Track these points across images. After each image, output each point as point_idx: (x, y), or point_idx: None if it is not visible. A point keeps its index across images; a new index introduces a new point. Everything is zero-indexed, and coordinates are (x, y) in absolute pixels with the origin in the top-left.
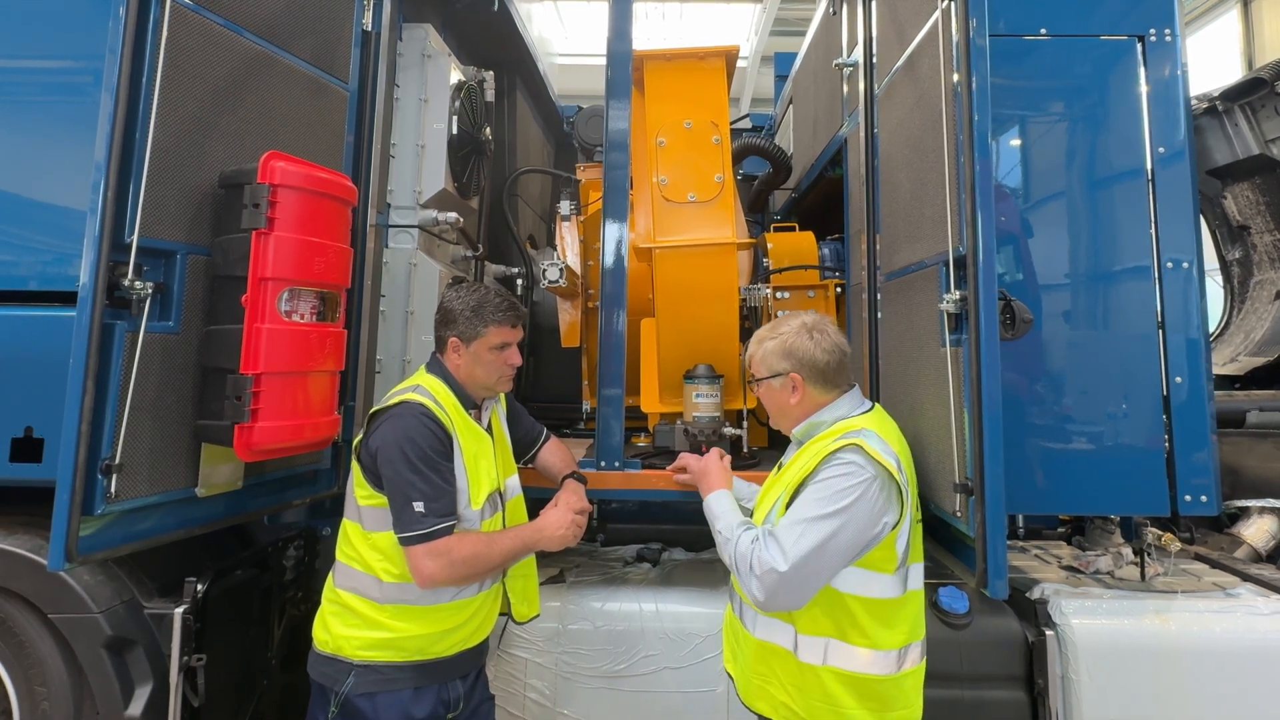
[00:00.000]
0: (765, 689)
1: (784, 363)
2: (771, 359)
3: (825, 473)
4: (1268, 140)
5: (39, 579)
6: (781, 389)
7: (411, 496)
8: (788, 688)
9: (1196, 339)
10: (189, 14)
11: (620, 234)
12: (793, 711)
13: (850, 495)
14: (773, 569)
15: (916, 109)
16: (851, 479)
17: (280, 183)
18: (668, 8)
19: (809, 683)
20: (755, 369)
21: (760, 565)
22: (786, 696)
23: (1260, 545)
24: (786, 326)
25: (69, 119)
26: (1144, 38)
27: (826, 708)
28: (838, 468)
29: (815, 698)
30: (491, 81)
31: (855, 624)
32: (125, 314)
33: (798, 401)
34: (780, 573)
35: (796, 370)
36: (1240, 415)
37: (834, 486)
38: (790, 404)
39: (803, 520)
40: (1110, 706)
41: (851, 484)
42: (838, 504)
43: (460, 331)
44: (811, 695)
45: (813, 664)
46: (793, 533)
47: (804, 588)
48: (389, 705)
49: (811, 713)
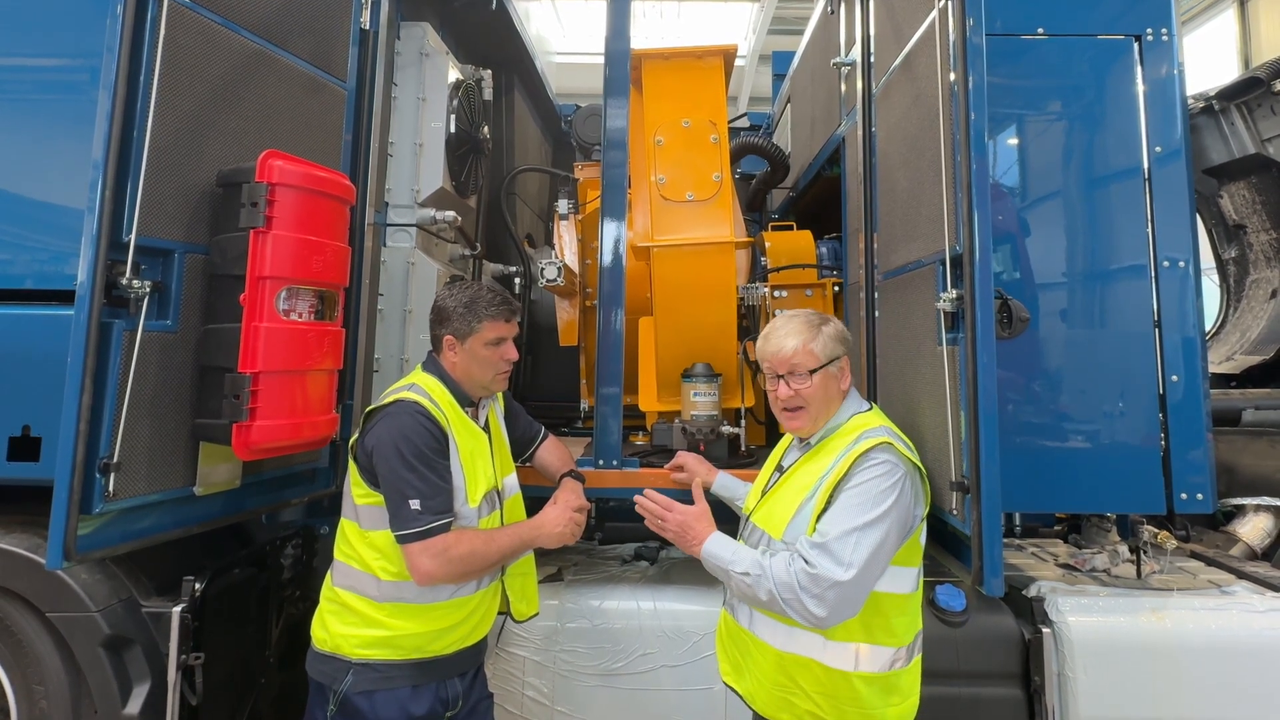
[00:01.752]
0: (788, 700)
1: (841, 347)
2: (832, 344)
3: (861, 475)
4: (1264, 139)
5: (37, 578)
6: (837, 375)
7: (408, 494)
8: (814, 696)
9: (1192, 337)
10: (187, 12)
11: (618, 233)
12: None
13: (892, 494)
14: (835, 582)
15: (914, 108)
16: (889, 478)
17: (278, 181)
18: (666, 6)
19: (840, 689)
20: (811, 359)
21: (818, 584)
22: (812, 705)
23: (1255, 543)
24: (816, 314)
25: (67, 117)
26: (1141, 37)
27: (856, 711)
28: (874, 469)
29: (846, 703)
30: (489, 80)
31: (884, 623)
32: (123, 313)
33: (848, 385)
34: (843, 583)
35: (847, 354)
36: (1236, 413)
37: (876, 488)
38: (841, 390)
39: (855, 528)
40: (1106, 704)
41: (890, 483)
42: (883, 505)
43: (455, 329)
44: (842, 700)
45: (843, 670)
46: (848, 542)
47: (863, 595)
48: (387, 703)
49: (841, 717)
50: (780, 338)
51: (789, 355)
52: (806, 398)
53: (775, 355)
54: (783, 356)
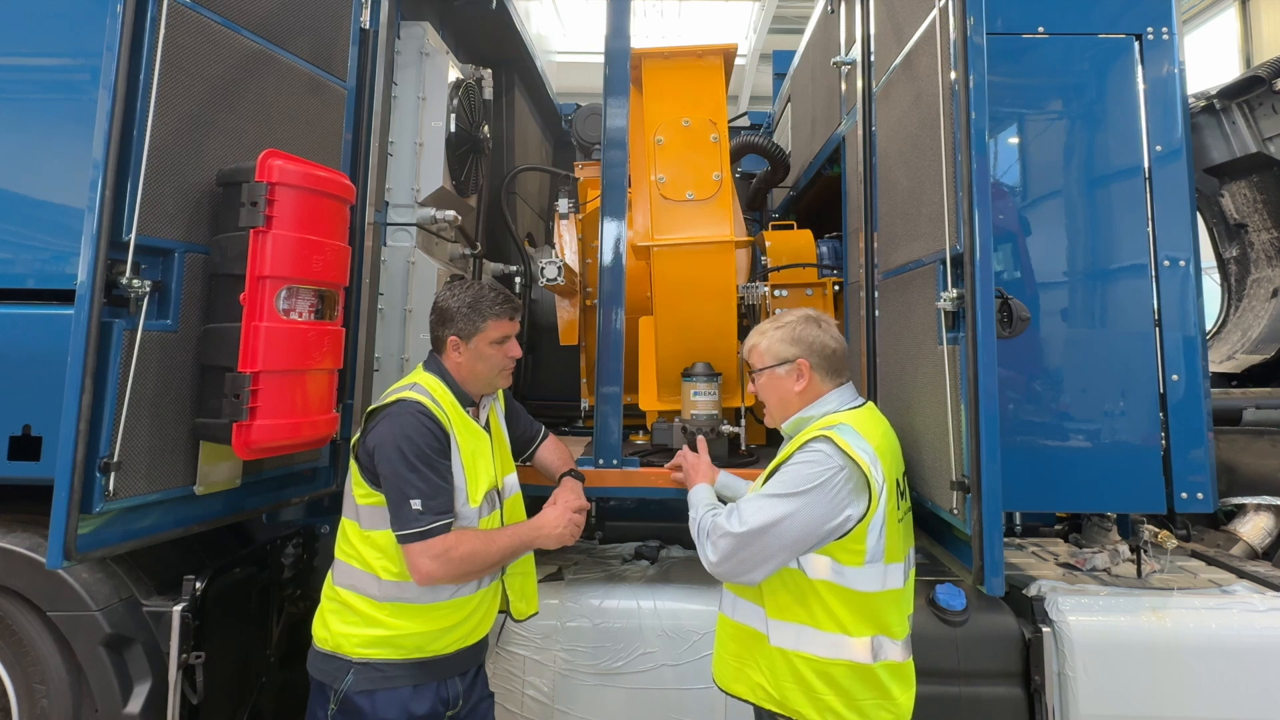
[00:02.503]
0: (743, 671)
1: (792, 349)
2: (778, 346)
3: (795, 458)
4: (1265, 138)
5: (38, 577)
6: (786, 376)
7: (409, 494)
8: (763, 669)
9: (1193, 337)
10: (187, 11)
11: (618, 232)
12: (768, 694)
13: (812, 482)
14: (726, 532)
15: (914, 107)
16: (817, 466)
17: (278, 181)
18: (666, 5)
19: (779, 666)
20: (759, 358)
21: (715, 531)
22: (762, 678)
23: (1256, 542)
24: (791, 317)
25: (67, 117)
26: (1141, 36)
27: (799, 691)
28: (806, 454)
29: (786, 679)
30: (490, 79)
31: (827, 610)
32: (123, 312)
33: (803, 389)
34: (733, 535)
35: (805, 356)
36: (1237, 413)
37: (798, 472)
38: (794, 392)
39: (763, 496)
40: (1106, 703)
41: (815, 471)
42: (798, 488)
43: (459, 329)
44: (783, 677)
45: (783, 648)
46: (752, 505)
47: (754, 560)
48: (388, 703)
49: (784, 695)
50: (749, 336)
51: (746, 353)
52: (759, 393)
53: (744, 352)
54: (744, 353)
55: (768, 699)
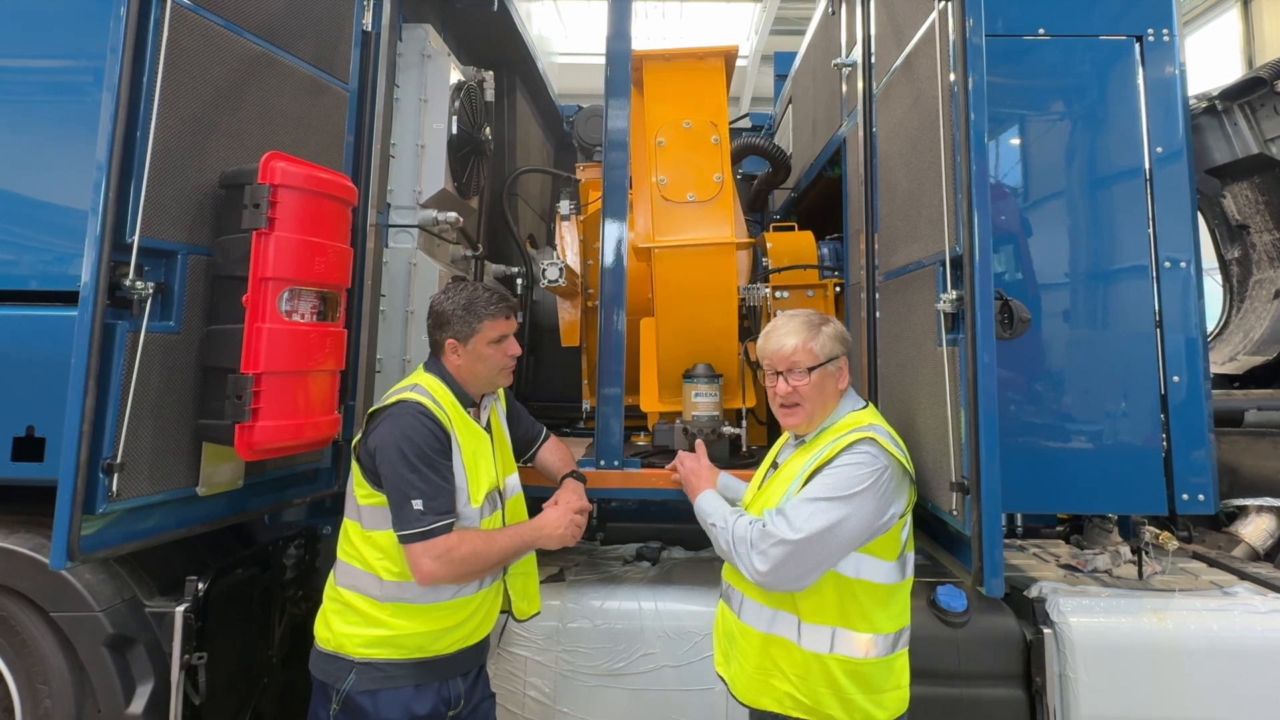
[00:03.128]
0: (768, 683)
1: (841, 346)
2: (831, 343)
3: (840, 461)
4: (1267, 139)
5: (41, 578)
6: (836, 374)
7: (410, 495)
8: (791, 678)
9: (1194, 338)
10: (189, 14)
11: (620, 233)
12: (797, 701)
13: (863, 483)
14: (780, 540)
15: (914, 109)
16: (865, 468)
17: (281, 183)
18: (667, 7)
19: (813, 671)
20: (812, 357)
21: (765, 539)
22: (790, 686)
23: (1258, 543)
24: (817, 315)
25: (70, 119)
26: (1142, 38)
27: (830, 694)
28: (853, 456)
29: (820, 684)
30: (491, 81)
31: (860, 610)
32: (126, 314)
33: (845, 385)
34: (790, 542)
35: (846, 354)
36: (1238, 414)
37: (849, 474)
38: (838, 389)
39: (815, 500)
40: (1107, 704)
41: (865, 472)
42: (850, 489)
43: (456, 332)
44: (816, 682)
45: (818, 652)
46: (804, 510)
47: (808, 565)
48: (390, 702)
49: (817, 700)
50: (780, 336)
51: (788, 353)
52: (803, 395)
53: (775, 353)
54: (782, 354)
55: (796, 706)
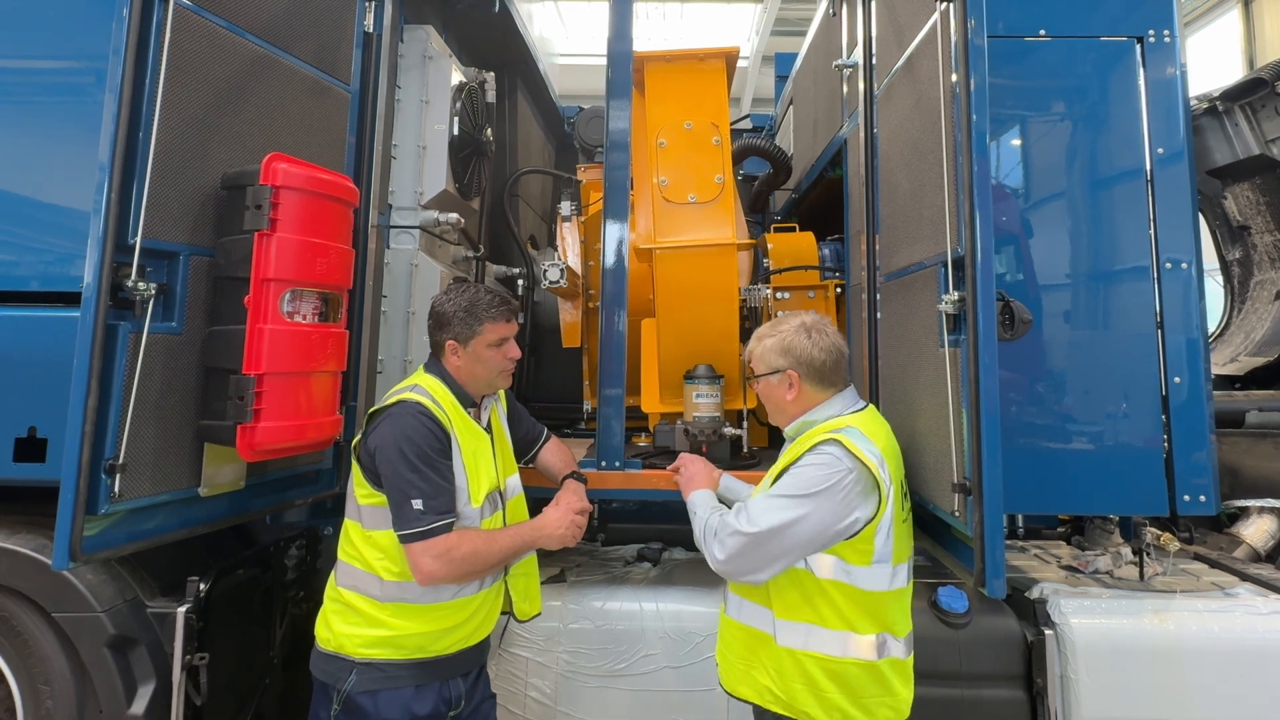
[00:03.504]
0: (749, 674)
1: (782, 359)
2: (770, 356)
3: (804, 460)
4: (1268, 140)
5: (43, 578)
6: (779, 385)
7: (410, 495)
8: (769, 671)
9: (1195, 339)
10: (191, 16)
11: (621, 234)
12: (775, 695)
13: (823, 484)
14: (736, 530)
15: (916, 110)
16: (827, 469)
17: (282, 184)
18: (668, 8)
19: (787, 666)
20: (754, 365)
21: (724, 529)
22: (769, 680)
23: (1259, 545)
24: (786, 325)
25: (72, 120)
26: (1143, 39)
27: (806, 690)
28: (816, 457)
29: (795, 680)
30: (492, 82)
31: (835, 610)
32: (129, 315)
33: (794, 398)
34: (744, 534)
35: (793, 368)
36: (1240, 415)
37: (809, 474)
38: (787, 400)
39: (773, 497)
40: (1109, 706)
41: (825, 474)
42: (809, 489)
43: (456, 333)
44: (791, 678)
45: (791, 648)
46: (761, 505)
47: (763, 559)
48: (391, 703)
49: (791, 695)
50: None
51: (746, 356)
52: (760, 397)
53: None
54: (745, 356)
55: (774, 700)
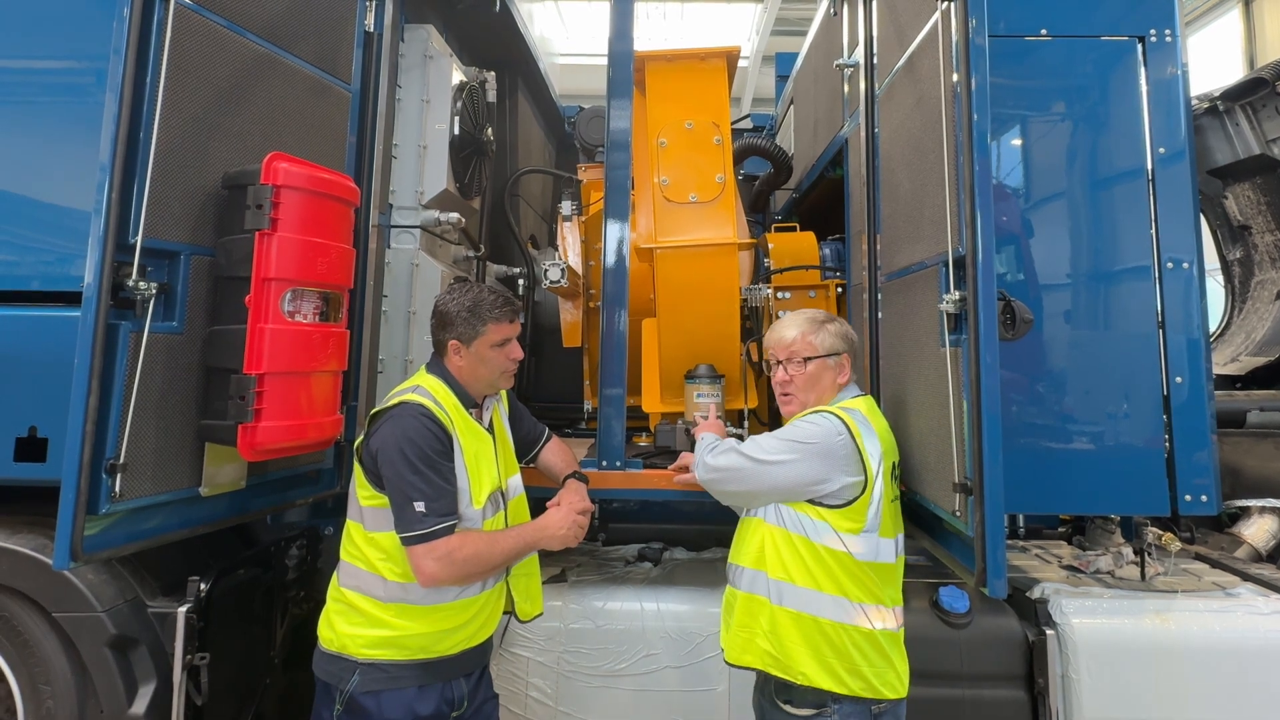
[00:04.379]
0: (752, 641)
1: (843, 344)
2: (833, 340)
3: (805, 418)
4: (1269, 140)
5: (43, 578)
6: (835, 368)
7: (412, 496)
8: (767, 634)
9: (1197, 339)
10: (192, 15)
11: (621, 234)
12: (775, 659)
13: (815, 440)
14: (734, 448)
15: (917, 109)
16: (821, 429)
17: (283, 184)
18: (669, 7)
19: (784, 627)
20: (811, 348)
21: (724, 445)
22: (768, 644)
23: (1260, 545)
24: (822, 314)
25: (73, 120)
26: (1144, 38)
27: (805, 651)
28: (815, 418)
29: (792, 642)
30: (493, 82)
31: (830, 576)
32: (129, 314)
33: (844, 381)
34: (741, 454)
35: (848, 352)
36: (1241, 415)
37: (805, 430)
38: (838, 383)
39: (771, 437)
40: (1110, 706)
41: (820, 432)
42: (803, 440)
43: (459, 333)
44: (788, 640)
45: (788, 608)
46: (760, 440)
47: (743, 482)
48: (393, 703)
49: (789, 657)
50: (784, 328)
51: (788, 343)
52: (796, 384)
53: (777, 342)
54: (783, 344)
55: (774, 664)
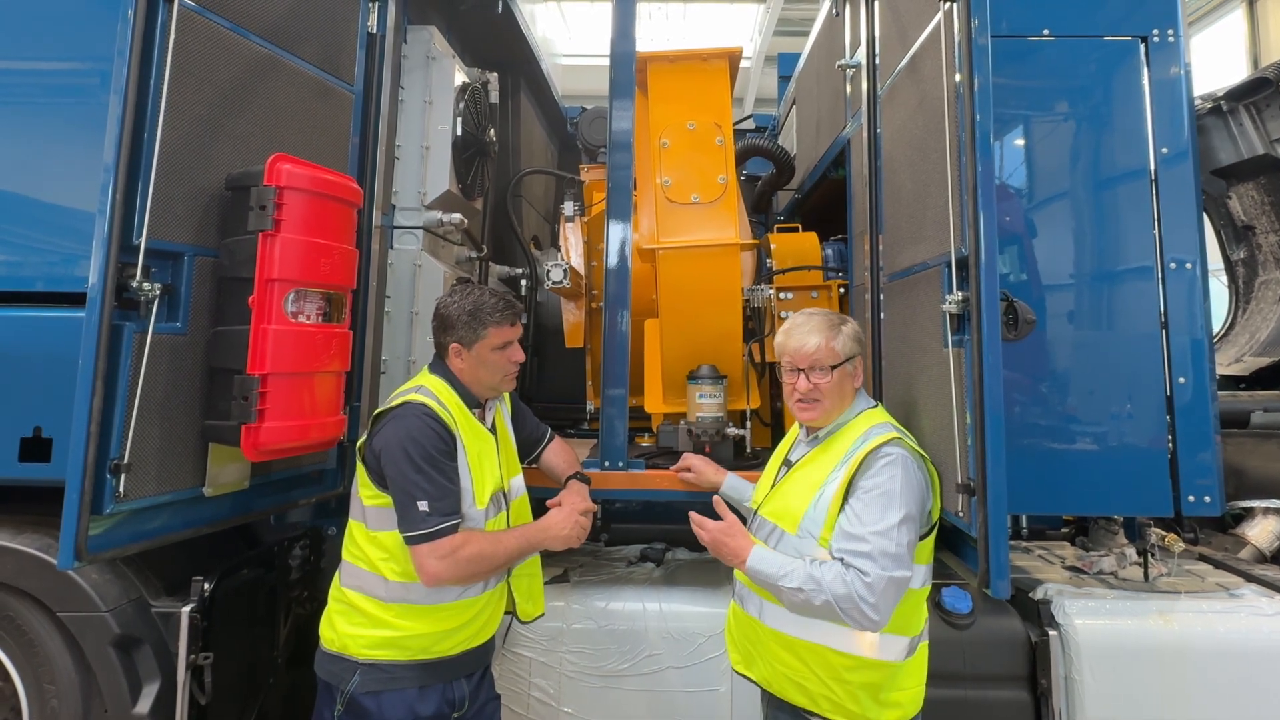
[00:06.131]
0: (801, 684)
1: (858, 346)
2: (851, 343)
3: (878, 471)
4: (1273, 140)
5: (48, 578)
6: (854, 373)
7: (416, 496)
8: (827, 681)
9: (1200, 339)
10: (196, 17)
11: (624, 235)
12: (833, 702)
13: (904, 484)
14: (891, 579)
15: (919, 110)
16: (899, 467)
17: (286, 185)
18: (671, 8)
19: (851, 675)
20: (833, 355)
21: (871, 590)
22: (826, 689)
23: (1264, 546)
24: (835, 315)
25: (77, 121)
26: (1147, 38)
27: (868, 696)
28: (890, 465)
29: (859, 687)
30: (495, 83)
31: (904, 611)
32: (133, 315)
33: (859, 384)
34: (897, 579)
35: (861, 354)
36: (1244, 416)
37: (895, 485)
38: (855, 388)
39: (882, 531)
40: (1113, 707)
41: (901, 472)
42: (905, 497)
43: (460, 336)
44: (854, 685)
45: (858, 654)
46: (882, 543)
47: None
48: (394, 703)
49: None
50: (803, 334)
51: (810, 351)
52: (824, 392)
53: (797, 350)
54: (805, 352)
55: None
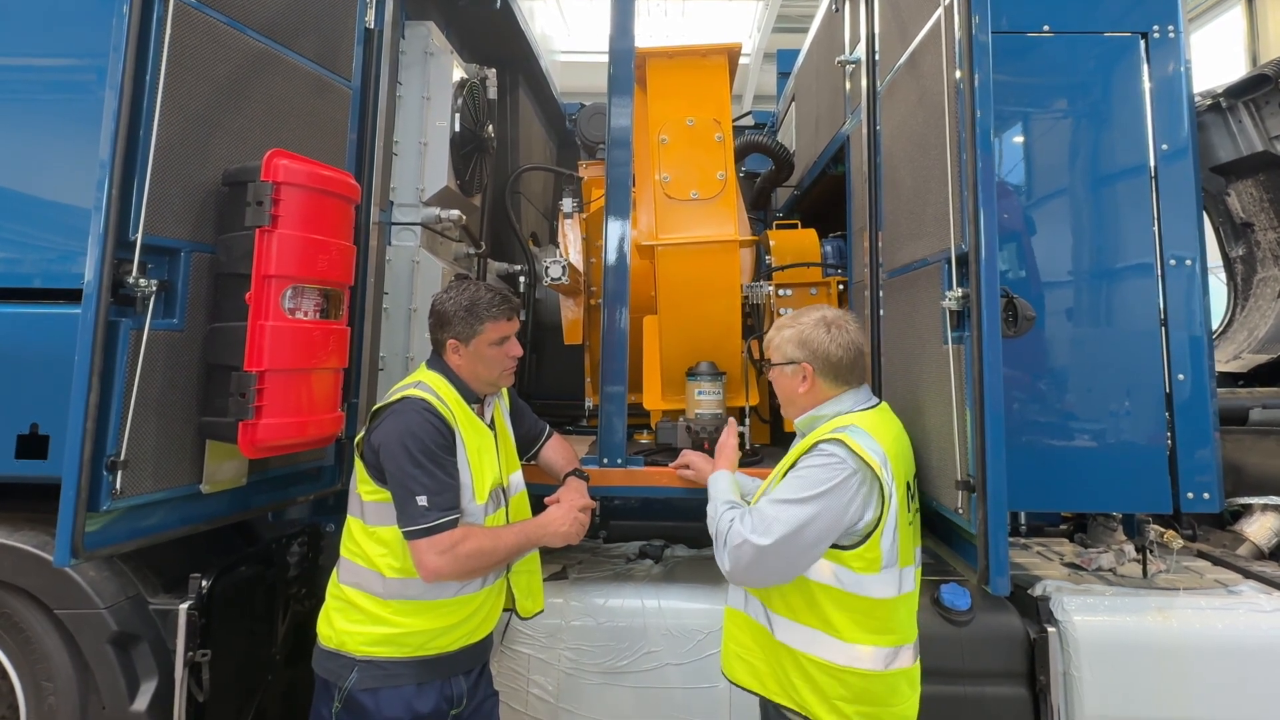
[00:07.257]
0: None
1: (798, 351)
2: (787, 346)
3: (806, 460)
4: (1272, 137)
5: (45, 575)
6: (793, 376)
7: (415, 491)
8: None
9: (1199, 336)
10: (192, 12)
11: (622, 231)
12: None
13: (827, 484)
14: (746, 540)
15: (919, 106)
16: (829, 469)
17: (284, 180)
18: (670, 4)
19: (787, 664)
20: (771, 353)
21: (735, 537)
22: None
23: (1263, 542)
24: (807, 317)
25: (73, 117)
26: (1147, 34)
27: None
28: (817, 457)
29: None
30: (494, 79)
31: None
32: (130, 311)
33: (806, 391)
34: (755, 546)
35: (809, 361)
36: (1243, 412)
37: (813, 475)
38: (799, 393)
39: (779, 502)
40: (1112, 703)
41: (829, 474)
42: (813, 490)
43: (457, 332)
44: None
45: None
46: (769, 513)
47: (774, 570)
48: (392, 700)
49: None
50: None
51: (765, 343)
52: (774, 386)
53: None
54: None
55: (778, 691)
